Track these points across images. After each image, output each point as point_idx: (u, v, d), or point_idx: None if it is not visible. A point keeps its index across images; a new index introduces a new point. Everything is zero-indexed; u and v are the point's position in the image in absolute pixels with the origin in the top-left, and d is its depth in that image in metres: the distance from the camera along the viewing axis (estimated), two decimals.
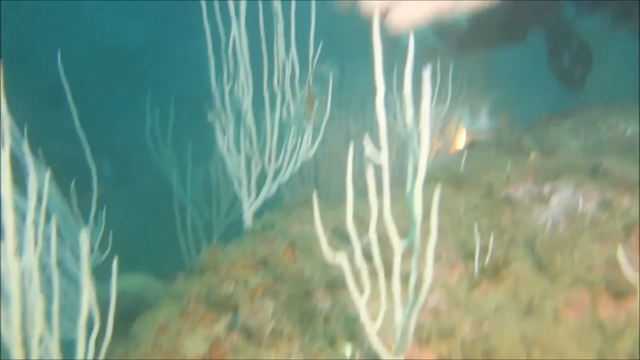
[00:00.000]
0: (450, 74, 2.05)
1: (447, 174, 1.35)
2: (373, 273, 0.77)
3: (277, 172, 1.38)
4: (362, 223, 0.77)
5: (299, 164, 1.31)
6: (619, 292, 0.86)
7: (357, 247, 0.75)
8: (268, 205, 1.44)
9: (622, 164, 1.22)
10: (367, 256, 0.76)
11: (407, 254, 0.75)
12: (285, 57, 1.34)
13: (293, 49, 1.31)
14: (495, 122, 2.70)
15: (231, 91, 1.34)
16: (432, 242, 0.69)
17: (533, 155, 1.39)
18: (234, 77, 1.33)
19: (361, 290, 0.75)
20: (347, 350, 0.88)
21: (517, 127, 2.26)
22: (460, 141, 2.53)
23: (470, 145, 1.63)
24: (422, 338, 0.85)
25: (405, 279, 0.76)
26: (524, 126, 2.27)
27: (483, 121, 2.50)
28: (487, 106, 2.63)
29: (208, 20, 1.28)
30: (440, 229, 0.80)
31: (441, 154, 2.36)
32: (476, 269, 0.96)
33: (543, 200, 1.18)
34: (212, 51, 1.33)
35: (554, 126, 1.94)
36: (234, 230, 1.99)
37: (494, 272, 0.95)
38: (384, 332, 0.79)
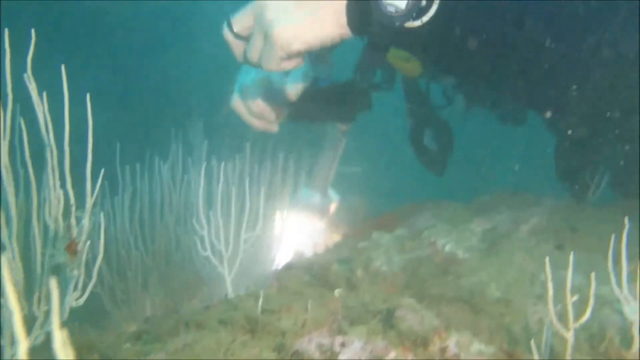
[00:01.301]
0: None
1: (240, 315, 1.21)
2: None
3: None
4: None
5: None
6: None
7: None
8: None
9: (417, 310, 1.15)
10: None
11: None
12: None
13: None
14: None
15: None
16: None
17: (337, 292, 1.29)
18: None
19: None
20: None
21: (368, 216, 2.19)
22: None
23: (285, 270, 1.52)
24: None
25: None
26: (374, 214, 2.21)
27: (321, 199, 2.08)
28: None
29: None
30: None
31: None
32: None
33: (333, 357, 1.07)
34: None
35: (390, 229, 1.90)
36: None
37: None
38: None
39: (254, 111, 1.53)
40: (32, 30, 1.07)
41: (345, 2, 1.17)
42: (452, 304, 1.18)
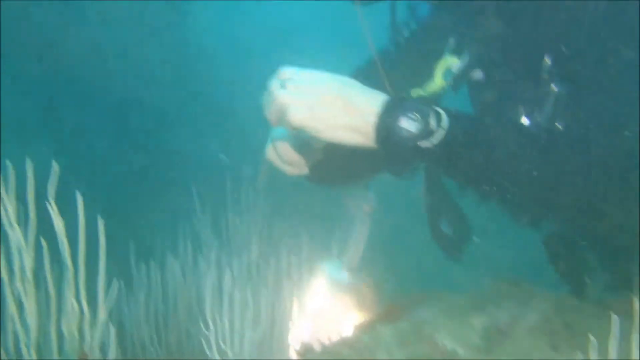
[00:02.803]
0: None
1: None
2: None
3: None
4: None
5: None
6: None
7: None
8: None
9: None
10: None
11: None
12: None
13: None
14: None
15: None
16: None
17: None
18: None
19: None
20: None
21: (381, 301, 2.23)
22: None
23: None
24: None
25: None
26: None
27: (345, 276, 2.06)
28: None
29: None
30: None
31: None
32: None
33: None
34: None
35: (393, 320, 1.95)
36: None
37: None
38: None
39: (284, 159, 1.54)
40: (53, 162, 1.22)
41: (374, 120, 1.28)
42: None
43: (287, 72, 1.32)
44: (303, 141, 1.51)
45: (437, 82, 1.67)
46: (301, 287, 2.10)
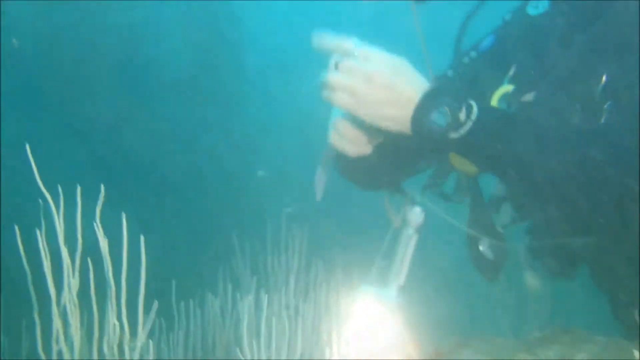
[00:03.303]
0: None
1: None
2: None
3: None
4: None
5: None
6: None
7: None
8: None
9: None
10: None
11: None
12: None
13: None
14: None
15: None
16: None
17: None
18: None
19: None
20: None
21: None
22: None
23: None
24: None
25: None
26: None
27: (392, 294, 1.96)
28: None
29: None
30: None
31: None
32: None
33: None
34: None
35: None
36: None
37: None
38: None
39: (346, 136, 1.58)
40: (102, 186, 1.30)
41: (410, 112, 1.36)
42: None
43: (347, 46, 1.38)
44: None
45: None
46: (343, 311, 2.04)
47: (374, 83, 1.37)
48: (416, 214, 1.88)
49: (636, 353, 1.73)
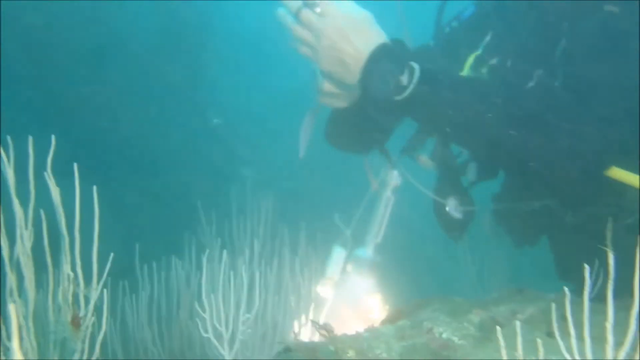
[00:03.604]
0: None
1: None
2: None
3: None
4: None
5: None
6: None
7: None
8: None
9: None
10: None
11: None
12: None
13: None
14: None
15: None
16: None
17: None
18: None
19: None
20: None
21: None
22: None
23: None
24: None
25: None
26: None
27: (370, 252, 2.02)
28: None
29: None
30: None
31: None
32: None
33: None
34: None
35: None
36: None
37: None
38: None
39: (325, 91, 1.63)
40: (52, 137, 1.29)
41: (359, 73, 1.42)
42: None
43: None
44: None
45: (465, 72, 1.81)
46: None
47: (325, 39, 1.41)
48: (394, 177, 1.96)
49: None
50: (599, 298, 1.92)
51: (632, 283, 1.75)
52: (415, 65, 1.38)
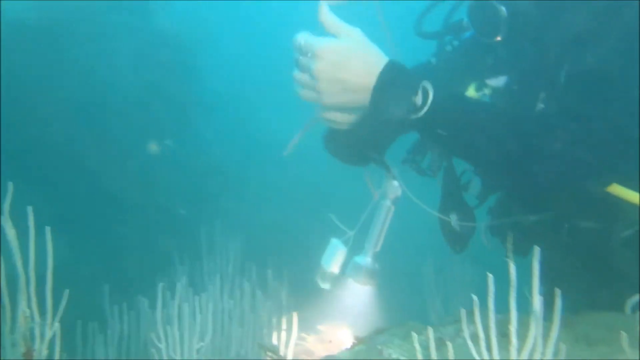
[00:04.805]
0: None
1: None
2: None
3: None
4: None
5: None
6: None
7: None
8: None
9: None
10: None
11: None
12: None
13: None
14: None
15: None
16: None
17: None
18: None
19: None
20: None
21: None
22: None
23: None
24: None
25: None
26: None
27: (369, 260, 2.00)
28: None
29: None
30: None
31: None
32: None
33: None
34: None
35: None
36: None
37: None
38: None
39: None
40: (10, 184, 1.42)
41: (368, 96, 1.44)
42: None
43: (303, 40, 1.43)
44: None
45: (470, 94, 1.89)
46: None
47: (323, 79, 1.42)
48: (394, 188, 1.98)
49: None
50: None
51: (630, 295, 1.79)
52: (428, 85, 1.43)
